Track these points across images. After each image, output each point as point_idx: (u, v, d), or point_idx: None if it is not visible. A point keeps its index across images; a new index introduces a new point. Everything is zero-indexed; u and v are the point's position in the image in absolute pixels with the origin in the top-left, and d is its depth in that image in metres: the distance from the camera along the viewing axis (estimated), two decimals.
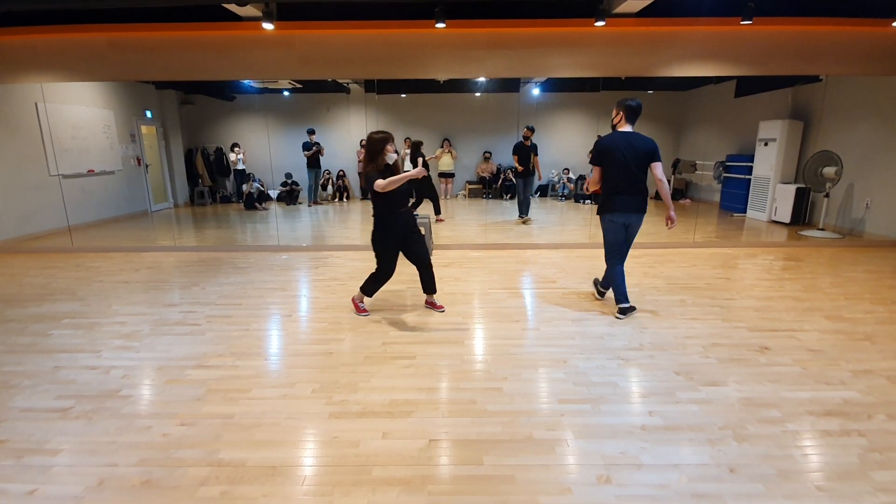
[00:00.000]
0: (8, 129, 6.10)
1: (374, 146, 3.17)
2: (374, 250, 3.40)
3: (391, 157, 3.20)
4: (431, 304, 3.72)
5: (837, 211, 6.64)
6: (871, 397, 2.40)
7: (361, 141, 9.64)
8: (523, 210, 7.60)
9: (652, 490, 1.77)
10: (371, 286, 3.53)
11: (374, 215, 3.31)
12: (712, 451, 1.99)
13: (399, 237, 3.38)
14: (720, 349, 2.96)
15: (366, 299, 3.70)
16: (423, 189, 7.42)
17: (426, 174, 3.35)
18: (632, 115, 3.36)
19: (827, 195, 6.37)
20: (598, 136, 3.61)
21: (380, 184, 3.02)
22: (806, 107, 7.22)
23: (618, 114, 3.38)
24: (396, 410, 2.31)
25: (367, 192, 3.20)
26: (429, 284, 3.62)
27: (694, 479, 1.83)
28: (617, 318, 3.47)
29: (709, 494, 1.75)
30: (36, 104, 6.32)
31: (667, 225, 3.39)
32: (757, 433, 2.11)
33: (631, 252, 5.57)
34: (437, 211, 7.66)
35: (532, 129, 7.38)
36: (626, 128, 3.36)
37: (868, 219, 6.18)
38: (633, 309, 3.50)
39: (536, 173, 7.65)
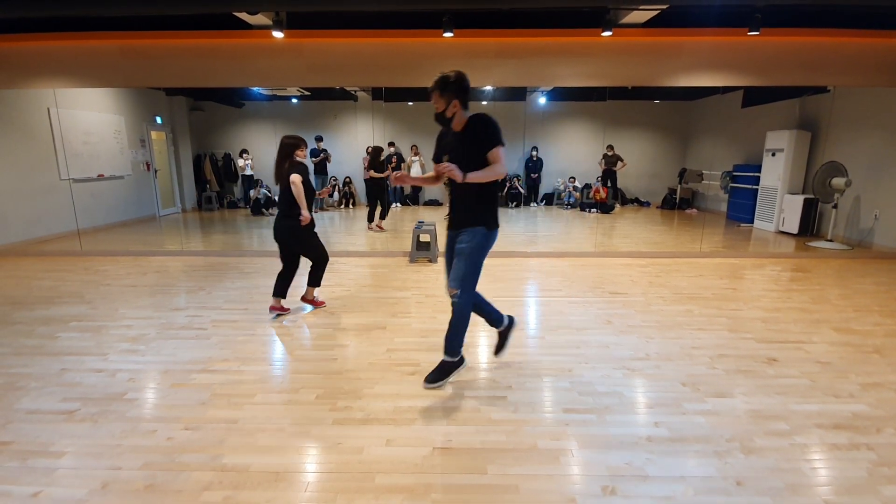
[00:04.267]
0: (21, 134, 6.20)
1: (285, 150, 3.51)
2: (306, 244, 3.66)
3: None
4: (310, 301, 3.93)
5: (846, 222, 6.59)
6: (879, 411, 2.37)
7: (368, 148, 9.70)
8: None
9: (658, 502, 1.75)
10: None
11: (290, 215, 3.51)
12: (719, 463, 1.97)
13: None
14: (727, 360, 2.93)
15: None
16: (374, 193, 7.59)
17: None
18: None
19: (835, 206, 6.33)
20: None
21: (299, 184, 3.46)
22: (814, 117, 7.19)
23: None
24: (400, 417, 2.31)
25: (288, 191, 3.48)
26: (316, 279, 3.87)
27: (700, 491, 1.81)
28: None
29: None
30: (48, 109, 6.41)
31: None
32: (764, 446, 2.08)
33: (637, 261, 5.62)
34: (371, 218, 7.70)
35: None
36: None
37: (877, 230, 6.13)
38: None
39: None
